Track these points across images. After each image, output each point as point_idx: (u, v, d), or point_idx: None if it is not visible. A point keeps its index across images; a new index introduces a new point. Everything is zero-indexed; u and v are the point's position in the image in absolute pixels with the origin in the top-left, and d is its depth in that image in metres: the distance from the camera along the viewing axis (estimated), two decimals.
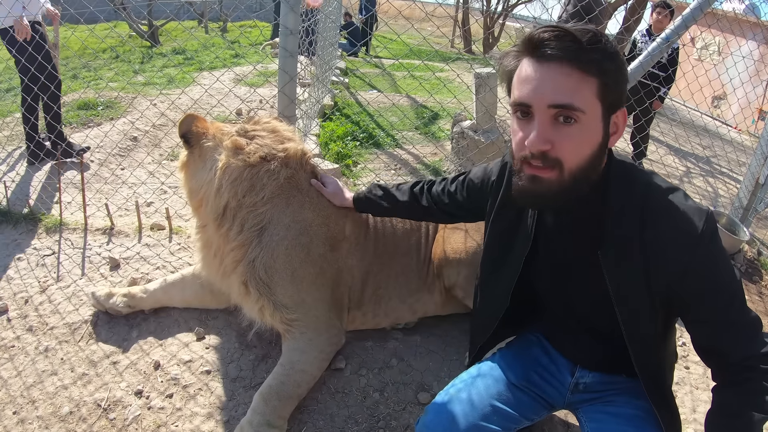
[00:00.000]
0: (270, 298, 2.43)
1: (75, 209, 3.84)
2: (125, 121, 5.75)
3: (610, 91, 1.33)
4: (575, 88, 1.30)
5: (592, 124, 1.34)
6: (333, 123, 6.23)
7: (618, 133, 1.43)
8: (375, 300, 2.75)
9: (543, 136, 1.33)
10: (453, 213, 2.20)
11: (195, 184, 2.52)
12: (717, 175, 7.07)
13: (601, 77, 1.31)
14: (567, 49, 1.29)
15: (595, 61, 1.29)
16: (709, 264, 1.41)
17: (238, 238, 2.43)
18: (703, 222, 1.39)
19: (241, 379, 2.57)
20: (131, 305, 2.84)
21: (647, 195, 1.46)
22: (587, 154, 1.37)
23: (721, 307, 1.43)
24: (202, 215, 2.54)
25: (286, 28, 2.96)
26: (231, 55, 9.83)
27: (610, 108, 1.36)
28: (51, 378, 2.53)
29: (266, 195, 2.42)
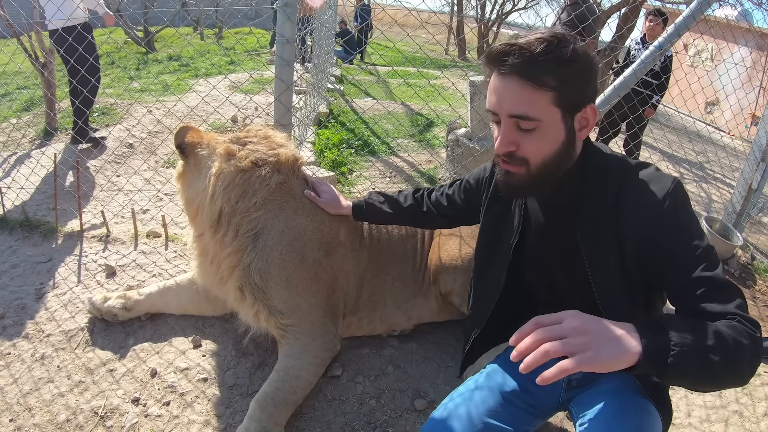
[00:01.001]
0: (265, 303, 2.45)
1: (71, 216, 3.84)
2: (121, 128, 5.76)
3: (569, 96, 1.42)
4: (529, 100, 1.40)
5: (552, 128, 1.44)
6: (328, 130, 6.25)
7: (588, 126, 1.51)
8: (370, 305, 2.77)
9: (506, 139, 1.47)
10: (452, 216, 2.28)
11: (191, 193, 2.54)
12: (710, 180, 7.11)
13: (555, 87, 1.40)
14: (518, 65, 1.38)
15: (547, 72, 1.38)
16: (677, 220, 1.45)
17: (234, 243, 2.45)
18: (671, 185, 1.46)
19: (238, 386, 2.58)
20: (127, 307, 2.85)
21: (621, 176, 1.54)
22: (551, 152, 1.47)
23: (695, 266, 1.41)
24: (199, 224, 2.56)
25: (283, 37, 2.98)
26: (227, 62, 9.84)
27: (571, 110, 1.45)
28: (47, 385, 2.53)
29: (258, 200, 2.44)
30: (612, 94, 4.13)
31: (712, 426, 2.69)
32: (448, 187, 2.26)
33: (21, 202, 3.90)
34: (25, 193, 4.10)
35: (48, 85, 5.61)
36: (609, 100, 4.15)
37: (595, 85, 1.49)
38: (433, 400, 2.56)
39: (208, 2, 15.17)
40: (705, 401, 2.84)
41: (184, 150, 2.53)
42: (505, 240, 1.82)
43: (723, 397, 2.90)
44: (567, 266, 1.68)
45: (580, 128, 1.51)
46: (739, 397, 2.91)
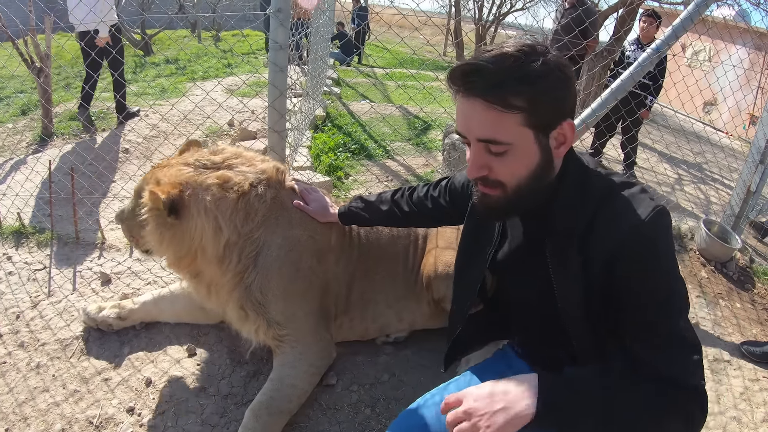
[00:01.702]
0: (264, 317, 2.44)
1: (66, 223, 3.83)
2: (116, 133, 5.75)
3: (540, 115, 1.32)
4: (496, 123, 1.31)
5: (524, 150, 1.35)
6: (325, 134, 6.24)
7: (566, 143, 1.40)
8: (361, 305, 2.77)
9: (476, 164, 1.39)
10: (436, 217, 2.22)
11: (185, 242, 2.35)
12: (709, 182, 7.10)
13: (524, 108, 1.29)
14: (481, 86, 1.29)
15: (514, 93, 1.28)
16: (644, 258, 1.33)
17: (237, 267, 2.42)
18: (650, 212, 1.33)
19: (233, 395, 2.58)
20: (122, 316, 2.84)
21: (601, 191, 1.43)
22: (525, 174, 1.38)
23: (651, 311, 1.33)
24: (197, 265, 2.45)
25: (276, 42, 2.98)
26: (223, 65, 9.83)
27: (545, 129, 1.35)
28: (43, 395, 2.53)
29: (259, 219, 2.41)
30: (609, 97, 4.13)
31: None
32: (433, 188, 2.20)
33: (16, 209, 3.88)
34: (20, 200, 4.08)
35: (43, 90, 5.60)
36: (606, 103, 4.15)
37: (572, 98, 1.37)
38: None
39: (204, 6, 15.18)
40: None
41: (177, 207, 2.27)
42: (483, 247, 1.76)
43: (721, 404, 2.91)
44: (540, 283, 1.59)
45: (558, 145, 1.40)
46: (737, 403, 2.92)
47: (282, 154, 3.24)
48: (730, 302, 3.97)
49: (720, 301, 3.94)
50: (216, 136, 5.99)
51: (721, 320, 3.71)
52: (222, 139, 5.92)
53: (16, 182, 4.50)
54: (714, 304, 3.89)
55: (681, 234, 4.67)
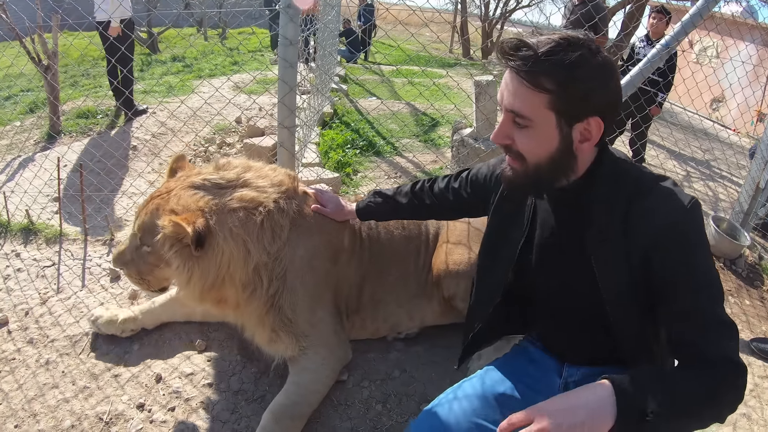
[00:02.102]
0: (294, 333, 2.40)
1: (75, 220, 3.83)
2: (124, 130, 5.75)
3: (567, 103, 1.39)
4: (524, 98, 1.40)
5: (544, 131, 1.43)
6: (333, 131, 6.23)
7: (591, 140, 1.46)
8: (372, 305, 2.75)
9: (501, 132, 1.49)
10: (457, 208, 2.23)
11: (211, 272, 2.19)
12: (717, 179, 7.05)
13: (552, 91, 1.37)
14: (519, 63, 1.37)
15: (546, 74, 1.36)
16: (683, 248, 1.41)
17: (268, 291, 2.34)
18: (685, 205, 1.41)
19: (243, 392, 2.56)
20: (134, 329, 2.81)
21: (636, 185, 1.49)
22: (544, 155, 1.46)
23: (693, 298, 1.40)
24: (222, 293, 2.31)
25: (286, 38, 2.95)
26: (230, 63, 9.83)
27: (570, 118, 1.41)
28: (52, 391, 2.52)
29: (285, 236, 2.33)
30: None
31: (720, 429, 2.65)
32: (454, 180, 2.21)
33: (25, 206, 3.88)
34: (29, 197, 4.08)
35: (51, 88, 5.60)
36: None
37: (606, 97, 1.42)
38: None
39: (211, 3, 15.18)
40: None
41: (202, 239, 2.11)
42: (511, 239, 1.79)
43: None
44: (574, 271, 1.63)
45: (582, 140, 1.45)
46: (747, 400, 2.88)
47: (292, 150, 3.22)
48: (739, 299, 3.94)
49: (729, 298, 3.91)
50: (224, 132, 5.98)
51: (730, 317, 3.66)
52: (230, 136, 5.91)
53: (25, 179, 4.51)
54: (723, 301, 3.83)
55: None
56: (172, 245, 2.09)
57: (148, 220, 2.18)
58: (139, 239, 2.23)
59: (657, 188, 1.46)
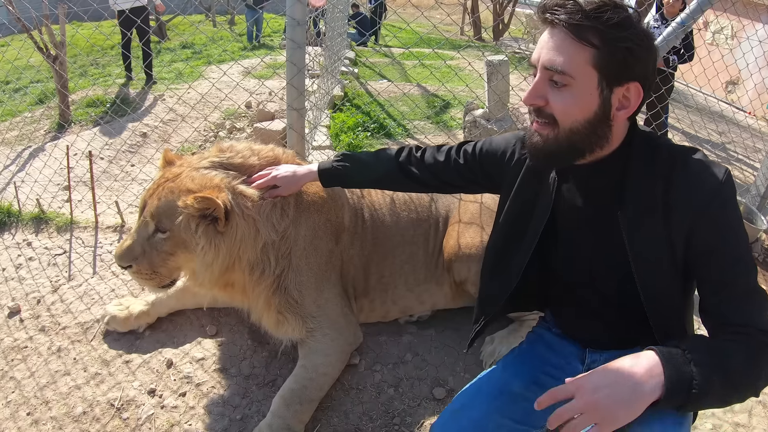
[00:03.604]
0: (301, 314, 2.38)
1: (85, 207, 3.82)
2: (134, 117, 5.74)
3: (610, 61, 1.35)
4: (567, 53, 1.35)
5: (584, 90, 1.38)
6: (343, 114, 6.18)
7: (629, 108, 1.43)
8: (381, 288, 2.72)
9: (535, 91, 1.43)
10: (453, 183, 2.02)
11: (231, 252, 2.20)
12: (733, 162, 6.93)
13: (597, 46, 1.34)
14: (565, 16, 1.34)
15: (592, 29, 1.33)
16: (725, 218, 1.40)
17: (275, 271, 2.33)
18: (723, 175, 1.40)
19: (255, 376, 2.54)
20: (149, 321, 2.78)
21: (672, 158, 1.46)
22: (580, 118, 1.41)
23: (731, 267, 1.40)
24: (231, 276, 2.31)
25: (293, 19, 2.90)
26: (239, 48, 9.79)
27: (611, 79, 1.38)
28: (64, 378, 2.52)
29: (291, 212, 2.32)
30: None
31: (736, 416, 2.61)
32: (456, 152, 1.97)
33: (36, 195, 3.87)
34: (39, 186, 4.08)
35: (59, 78, 5.60)
36: None
37: (648, 65, 1.39)
38: (453, 389, 2.51)
39: None
40: None
41: (228, 212, 2.12)
42: (533, 223, 1.70)
43: None
44: (606, 254, 1.59)
45: (620, 107, 1.42)
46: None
47: (301, 133, 3.18)
48: None
49: None
50: (234, 118, 5.96)
51: None
52: (240, 121, 5.88)
53: (35, 169, 4.50)
54: None
55: None
56: (197, 224, 2.09)
57: (163, 205, 2.13)
58: (152, 227, 2.17)
59: (692, 160, 1.44)
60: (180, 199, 2.06)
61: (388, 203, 2.73)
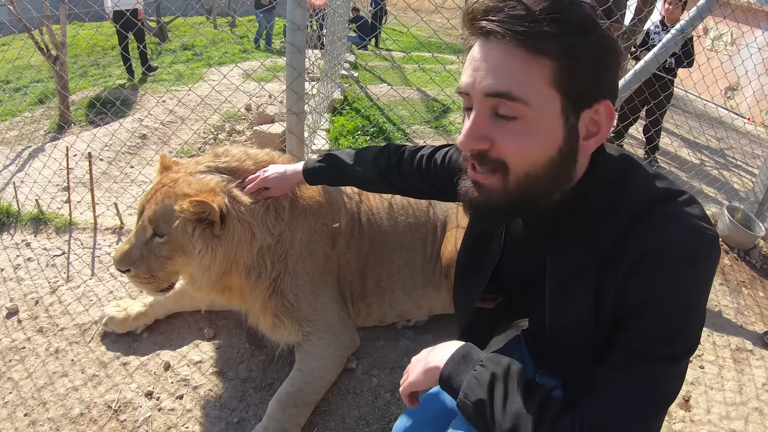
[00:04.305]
0: (297, 318, 2.40)
1: (84, 209, 3.82)
2: (134, 119, 5.74)
3: (576, 76, 1.02)
4: (517, 72, 1.01)
5: (544, 120, 1.04)
6: (343, 118, 6.19)
7: (599, 134, 1.09)
8: (378, 292, 2.73)
9: (474, 131, 1.07)
10: (427, 192, 1.88)
11: (228, 255, 2.21)
12: (732, 168, 6.94)
13: (559, 58, 1.00)
14: (509, 22, 0.99)
15: (548, 36, 0.99)
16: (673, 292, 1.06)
17: (271, 275, 2.35)
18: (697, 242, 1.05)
19: (252, 379, 2.55)
20: (147, 323, 2.79)
21: (640, 204, 1.11)
22: (539, 159, 1.06)
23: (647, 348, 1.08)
24: (228, 280, 2.32)
25: (294, 23, 2.91)
26: (240, 51, 9.80)
27: (577, 100, 1.05)
28: (62, 379, 2.52)
29: (287, 217, 2.34)
30: (632, 79, 4.05)
31: (732, 423, 2.63)
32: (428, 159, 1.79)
33: (35, 196, 3.87)
34: (38, 187, 4.08)
35: (60, 78, 5.60)
36: (629, 85, 4.07)
37: (615, 77, 1.09)
38: None
39: None
40: (725, 398, 2.79)
41: (224, 216, 2.12)
42: (487, 260, 1.49)
43: (743, 394, 2.85)
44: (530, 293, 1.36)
45: (588, 135, 1.09)
46: (759, 394, 2.85)
47: (300, 137, 3.19)
48: (752, 291, 3.88)
49: (743, 290, 3.85)
50: (234, 120, 5.96)
51: (744, 309, 3.63)
52: (239, 123, 5.88)
53: (34, 169, 4.51)
54: (737, 292, 3.81)
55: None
56: (194, 227, 2.11)
57: (160, 209, 2.14)
58: (150, 231, 2.18)
59: (659, 210, 1.09)
60: (177, 203, 2.08)
61: (385, 207, 2.73)
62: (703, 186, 5.76)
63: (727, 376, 2.95)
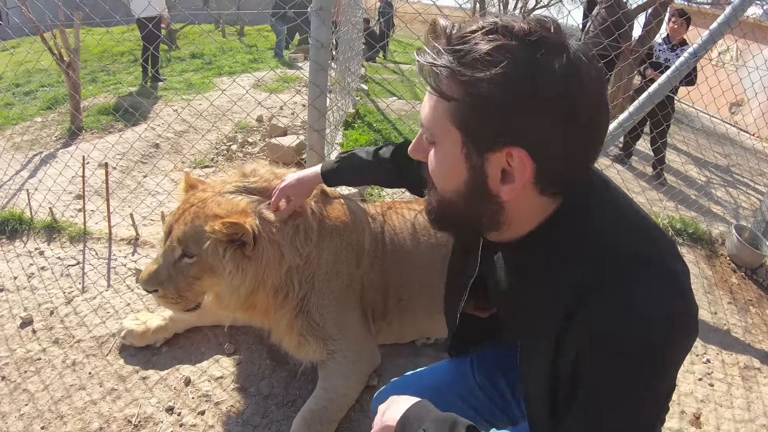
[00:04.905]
0: (322, 336, 2.39)
1: (99, 218, 3.80)
2: (146, 127, 5.73)
3: (474, 117, 1.00)
4: (429, 106, 1.06)
5: (447, 155, 1.08)
6: (356, 131, 6.17)
7: (515, 183, 1.03)
8: (399, 311, 2.71)
9: (415, 144, 1.19)
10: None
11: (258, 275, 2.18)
12: (738, 185, 6.95)
13: (456, 98, 0.99)
14: (424, 57, 1.02)
15: (449, 74, 0.99)
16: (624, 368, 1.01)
17: (298, 294, 2.34)
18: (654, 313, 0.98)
19: (274, 396, 2.52)
20: (167, 337, 2.76)
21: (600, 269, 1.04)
22: (447, 186, 1.12)
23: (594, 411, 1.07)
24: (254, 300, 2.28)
25: (317, 41, 2.91)
26: (249, 60, 9.82)
27: (478, 142, 1.02)
28: (79, 392, 2.49)
29: (315, 237, 2.32)
30: (646, 101, 4.10)
31: None
32: None
33: (48, 204, 3.85)
34: (51, 194, 4.05)
35: (73, 84, 5.59)
36: (643, 107, 4.11)
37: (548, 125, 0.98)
38: None
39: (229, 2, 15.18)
40: (734, 415, 2.82)
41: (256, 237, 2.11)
42: (464, 277, 1.52)
43: (752, 411, 2.89)
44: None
45: (504, 180, 1.04)
46: (767, 411, 2.89)
47: (321, 153, 3.18)
48: (760, 309, 3.92)
49: (750, 308, 3.89)
50: (246, 131, 5.95)
51: (751, 327, 3.66)
52: (252, 135, 5.87)
53: (48, 176, 4.47)
54: (745, 310, 3.84)
55: (712, 239, 4.63)
56: (225, 248, 2.08)
57: (189, 230, 2.12)
58: (179, 252, 2.15)
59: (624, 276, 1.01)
60: (207, 224, 2.06)
61: (408, 228, 2.72)
62: (710, 204, 5.77)
63: (735, 393, 2.98)
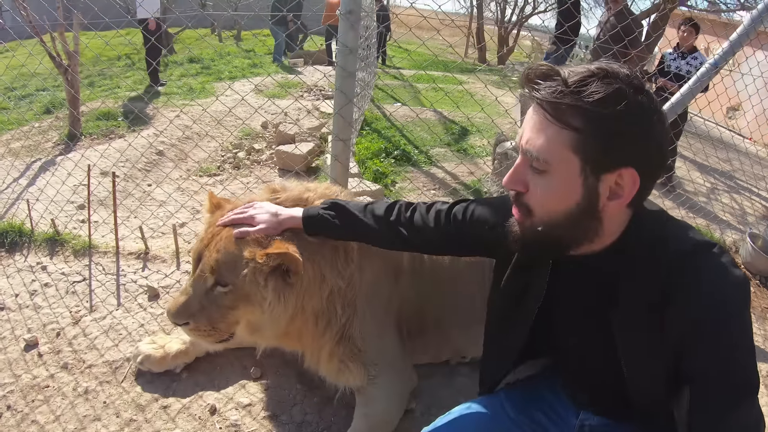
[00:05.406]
0: (363, 362, 2.23)
1: (105, 230, 3.60)
2: (149, 134, 5.53)
3: (596, 145, 1.18)
4: (545, 136, 1.20)
5: (563, 179, 1.22)
6: (365, 139, 6.04)
7: (623, 198, 1.23)
8: (436, 329, 2.59)
9: (515, 175, 1.29)
10: (441, 248, 1.91)
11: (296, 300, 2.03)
12: (742, 191, 6.87)
13: (579, 129, 1.17)
14: (544, 94, 1.18)
15: (572, 108, 1.16)
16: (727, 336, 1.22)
17: (341, 320, 2.18)
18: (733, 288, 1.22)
19: (308, 423, 2.34)
20: (187, 361, 2.57)
21: (677, 260, 1.26)
22: (559, 210, 1.26)
23: (726, 396, 1.25)
24: (292, 326, 2.13)
25: (346, 46, 2.73)
26: (249, 65, 9.68)
27: (597, 165, 1.20)
28: (94, 424, 2.29)
29: (355, 256, 2.15)
30: (668, 112, 3.98)
31: None
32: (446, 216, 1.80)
33: (50, 215, 3.64)
34: (53, 205, 3.84)
35: (71, 88, 5.39)
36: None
37: (650, 147, 1.20)
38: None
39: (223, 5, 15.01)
40: None
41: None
42: (527, 303, 1.56)
43: None
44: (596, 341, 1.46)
45: (611, 196, 1.24)
46: None
47: (346, 164, 3.00)
48: None
49: (766, 317, 3.83)
50: (251, 138, 5.77)
51: None
52: (257, 142, 5.69)
53: (50, 185, 4.24)
54: (762, 318, 3.79)
55: (726, 247, 4.51)
56: (266, 278, 1.90)
57: (223, 257, 1.91)
58: (211, 281, 1.94)
59: (700, 266, 1.25)
60: (246, 250, 1.88)
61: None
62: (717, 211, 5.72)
63: None
